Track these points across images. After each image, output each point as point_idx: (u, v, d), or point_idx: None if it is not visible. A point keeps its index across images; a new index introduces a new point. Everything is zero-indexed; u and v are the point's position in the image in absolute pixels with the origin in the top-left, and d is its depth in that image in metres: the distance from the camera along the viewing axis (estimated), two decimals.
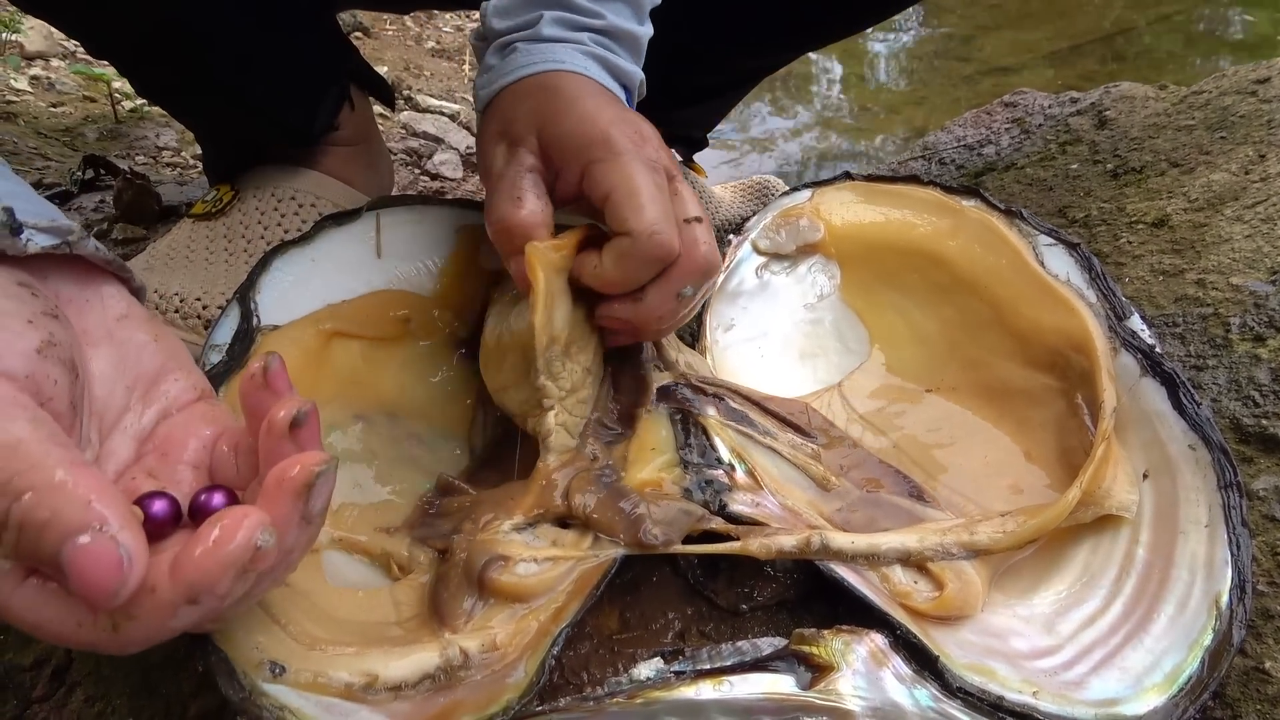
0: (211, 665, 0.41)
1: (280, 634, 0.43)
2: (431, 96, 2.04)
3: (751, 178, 1.13)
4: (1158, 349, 0.55)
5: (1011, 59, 2.75)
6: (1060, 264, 0.61)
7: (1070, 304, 0.58)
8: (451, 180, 1.59)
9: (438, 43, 2.64)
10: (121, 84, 1.54)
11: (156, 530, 0.36)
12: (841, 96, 2.63)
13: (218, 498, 0.37)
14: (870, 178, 0.72)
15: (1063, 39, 2.86)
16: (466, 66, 2.50)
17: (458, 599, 0.48)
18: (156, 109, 1.53)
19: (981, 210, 0.66)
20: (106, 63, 1.65)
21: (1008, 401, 0.59)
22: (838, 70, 2.73)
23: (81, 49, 1.76)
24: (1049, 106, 1.06)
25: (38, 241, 0.37)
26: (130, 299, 0.43)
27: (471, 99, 0.61)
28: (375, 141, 0.88)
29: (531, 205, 0.53)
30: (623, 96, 0.60)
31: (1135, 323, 0.57)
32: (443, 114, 1.93)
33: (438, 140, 1.77)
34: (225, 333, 0.58)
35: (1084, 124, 0.98)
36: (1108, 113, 0.97)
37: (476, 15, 0.65)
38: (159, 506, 0.36)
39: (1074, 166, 0.91)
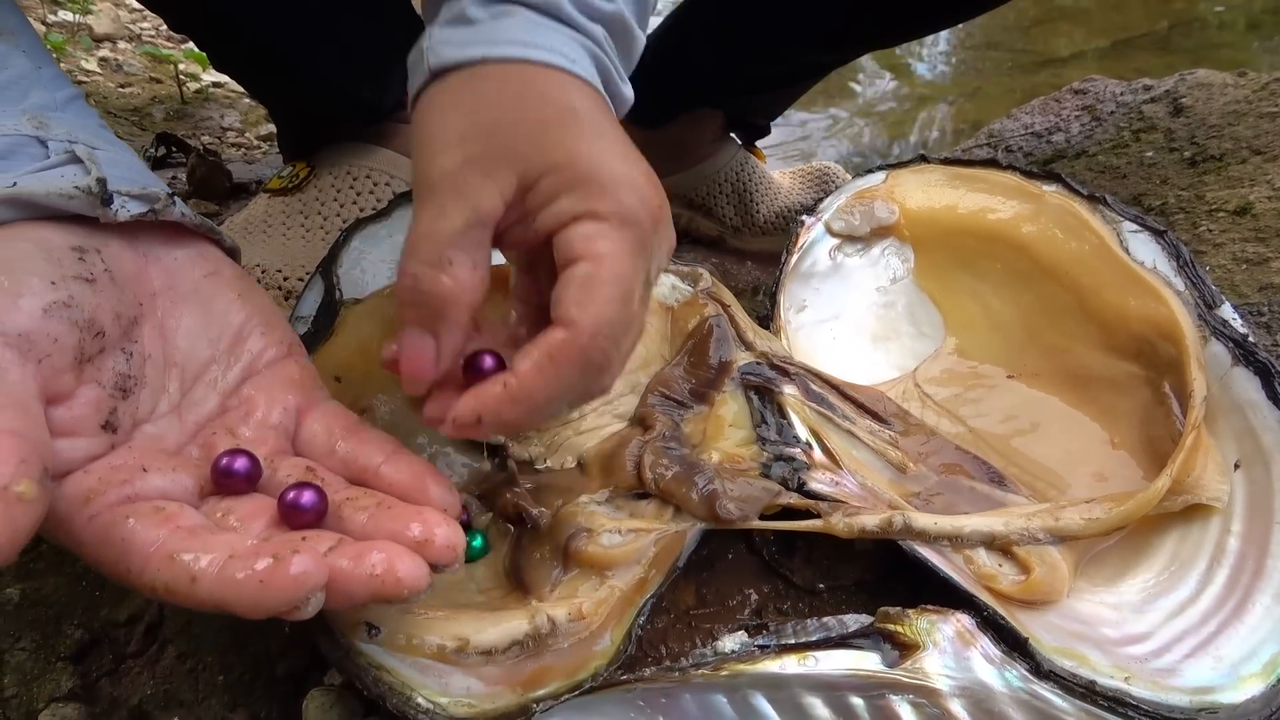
0: (310, 624, 0.42)
1: None
2: None
3: (812, 164, 1.13)
4: (1250, 338, 0.54)
5: (1067, 50, 2.69)
6: (1146, 251, 0.60)
7: (1157, 291, 0.57)
8: None
9: None
10: (187, 65, 1.57)
11: (234, 488, 0.38)
12: (892, 85, 2.60)
13: (307, 495, 0.37)
14: (947, 160, 0.71)
15: (1118, 30, 2.80)
16: None
17: (543, 569, 0.49)
18: (221, 90, 1.55)
19: (1063, 195, 0.65)
20: (173, 45, 1.68)
21: (1090, 389, 0.58)
22: (887, 58, 2.70)
23: (147, 31, 1.80)
24: (1121, 94, 1.04)
25: (129, 209, 0.40)
26: (220, 258, 0.45)
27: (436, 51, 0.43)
28: None
29: (461, 274, 0.38)
30: None
31: (1226, 311, 0.56)
32: None
33: None
34: (310, 305, 0.60)
35: (1158, 111, 0.96)
36: (1183, 100, 0.95)
37: None
38: (240, 464, 0.38)
39: (1149, 154, 0.89)
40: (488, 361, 0.40)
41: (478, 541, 0.50)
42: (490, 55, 0.42)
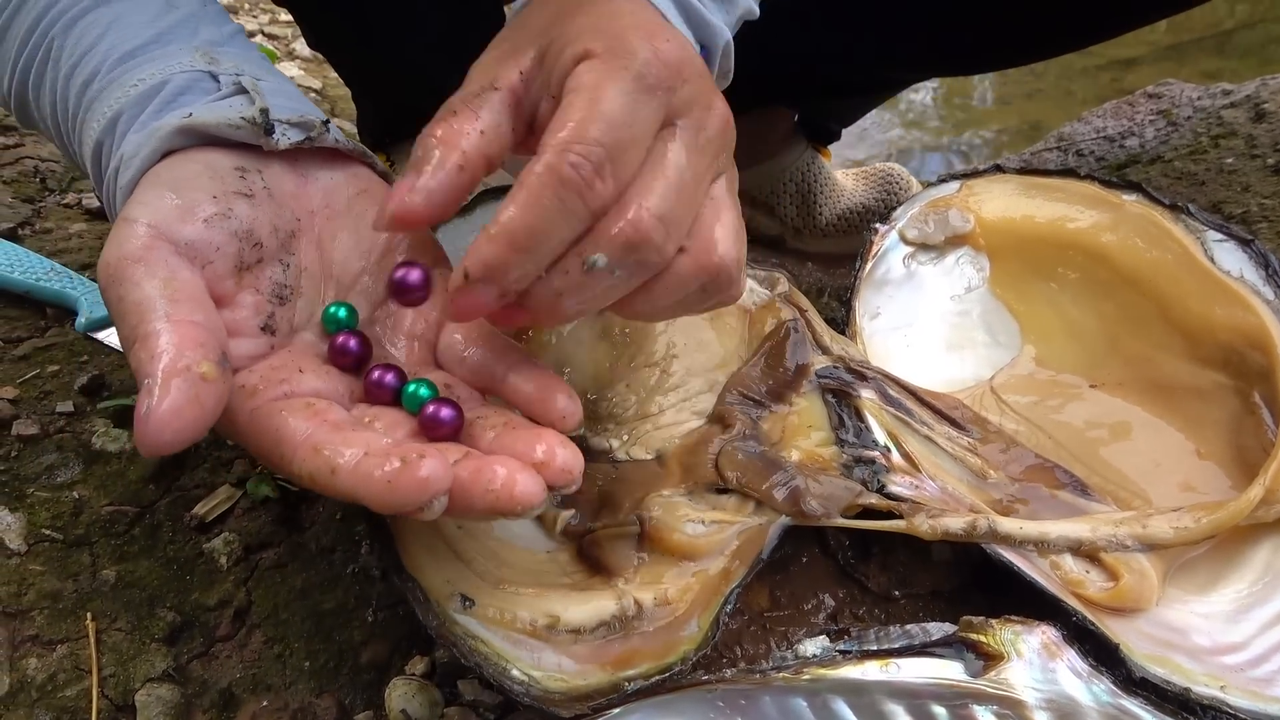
0: (407, 592, 0.43)
1: (466, 571, 0.45)
2: None
3: (875, 165, 1.12)
4: None
5: (1130, 52, 2.64)
6: (1232, 260, 0.59)
7: (1245, 300, 0.56)
8: None
9: None
10: None
11: (382, 398, 0.41)
12: (949, 84, 2.57)
13: (445, 411, 0.39)
14: (1023, 170, 0.70)
15: (1182, 32, 2.74)
16: None
17: (622, 551, 0.49)
18: None
19: (1143, 204, 0.64)
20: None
21: (1175, 398, 0.57)
22: None
23: None
24: (1198, 98, 1.02)
25: (289, 136, 0.43)
26: (371, 178, 0.48)
27: None
28: None
29: (461, 124, 0.38)
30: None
31: None
32: None
33: None
34: None
35: (1238, 117, 0.94)
36: (1265, 105, 0.93)
37: None
38: (389, 378, 0.41)
39: (1229, 161, 0.87)
40: (413, 275, 0.44)
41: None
42: None
